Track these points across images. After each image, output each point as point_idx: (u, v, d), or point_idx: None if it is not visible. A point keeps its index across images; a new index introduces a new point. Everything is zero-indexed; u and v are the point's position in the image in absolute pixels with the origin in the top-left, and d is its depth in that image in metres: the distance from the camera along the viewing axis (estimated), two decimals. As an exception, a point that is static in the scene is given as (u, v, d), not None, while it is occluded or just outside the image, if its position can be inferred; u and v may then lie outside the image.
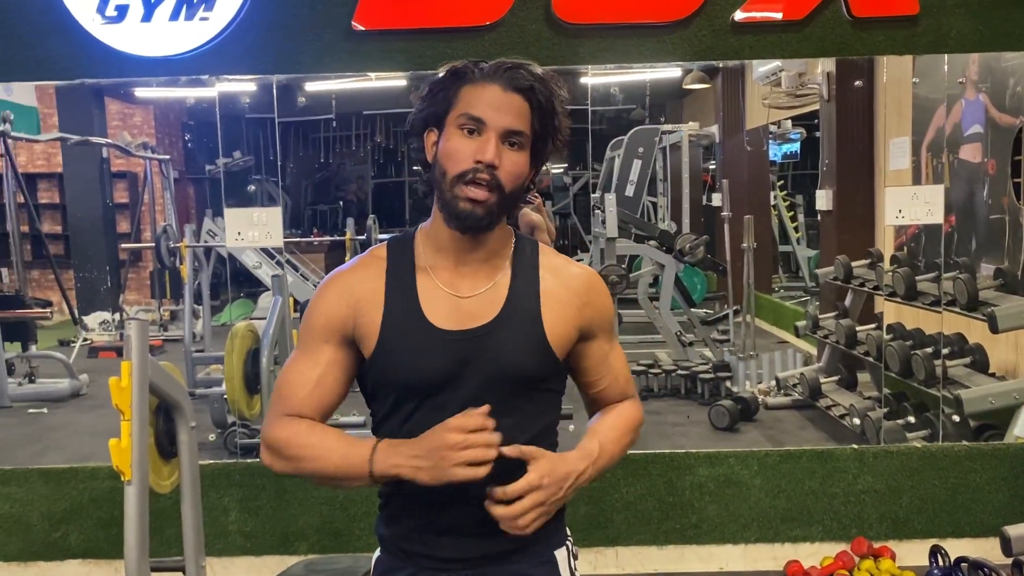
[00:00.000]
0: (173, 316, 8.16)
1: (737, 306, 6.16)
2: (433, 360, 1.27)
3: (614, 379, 1.42)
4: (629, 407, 1.43)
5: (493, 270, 1.32)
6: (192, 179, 10.50)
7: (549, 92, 1.28)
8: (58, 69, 3.18)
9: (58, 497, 3.24)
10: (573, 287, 1.34)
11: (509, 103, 1.25)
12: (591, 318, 1.36)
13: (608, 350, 1.40)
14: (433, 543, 1.30)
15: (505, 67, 1.27)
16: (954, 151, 4.50)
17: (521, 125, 1.26)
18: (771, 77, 6.05)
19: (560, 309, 1.32)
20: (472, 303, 1.29)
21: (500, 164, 1.24)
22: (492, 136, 1.24)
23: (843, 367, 4.79)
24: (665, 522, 3.24)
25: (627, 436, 1.40)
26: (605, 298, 1.39)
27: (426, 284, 1.30)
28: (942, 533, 3.22)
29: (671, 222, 8.31)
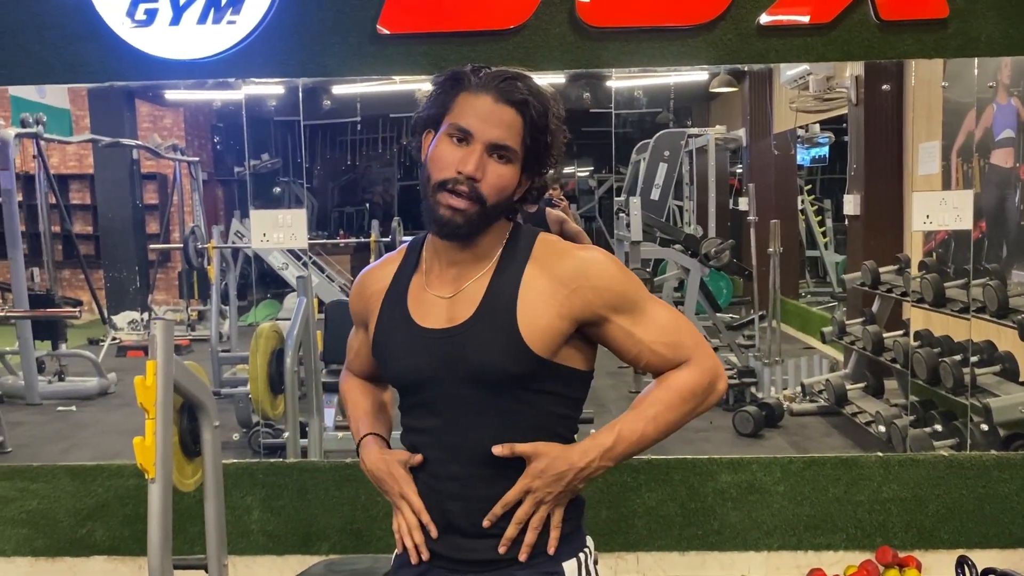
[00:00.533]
0: (200, 316, 8.24)
1: (763, 311, 6.11)
2: (415, 358, 1.30)
3: (650, 351, 1.31)
4: (682, 375, 1.31)
5: (479, 269, 1.31)
6: (221, 181, 10.60)
7: (543, 107, 1.26)
8: (88, 72, 3.23)
9: (84, 494, 3.29)
10: (559, 275, 1.28)
11: (499, 115, 1.24)
12: (588, 302, 1.28)
13: (630, 326, 1.30)
14: (443, 543, 1.31)
15: (502, 78, 1.26)
16: (985, 156, 4.43)
17: (509, 139, 1.25)
18: (799, 81, 6.00)
19: (540, 301, 1.27)
20: (454, 302, 1.30)
21: (483, 176, 1.24)
22: (477, 148, 1.24)
23: (870, 374, 4.74)
24: (687, 528, 3.22)
25: (676, 409, 1.29)
26: (607, 276, 1.29)
27: (418, 284, 1.34)
28: (969, 543, 3.17)
29: (697, 226, 8.27)
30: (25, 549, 3.30)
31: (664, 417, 1.28)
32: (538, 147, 1.28)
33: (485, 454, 1.25)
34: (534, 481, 1.21)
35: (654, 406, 1.29)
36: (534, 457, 1.22)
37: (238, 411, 4.64)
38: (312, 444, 3.90)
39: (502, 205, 1.28)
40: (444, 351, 1.28)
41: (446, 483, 1.22)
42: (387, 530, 3.28)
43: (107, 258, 8.47)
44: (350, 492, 3.25)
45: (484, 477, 1.24)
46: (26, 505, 3.29)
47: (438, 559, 1.32)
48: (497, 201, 1.26)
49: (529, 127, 1.26)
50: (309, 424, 3.94)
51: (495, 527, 1.26)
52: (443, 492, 1.25)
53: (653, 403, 1.30)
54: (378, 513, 3.25)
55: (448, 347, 1.27)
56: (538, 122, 1.26)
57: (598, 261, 1.30)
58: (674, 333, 1.33)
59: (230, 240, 7.21)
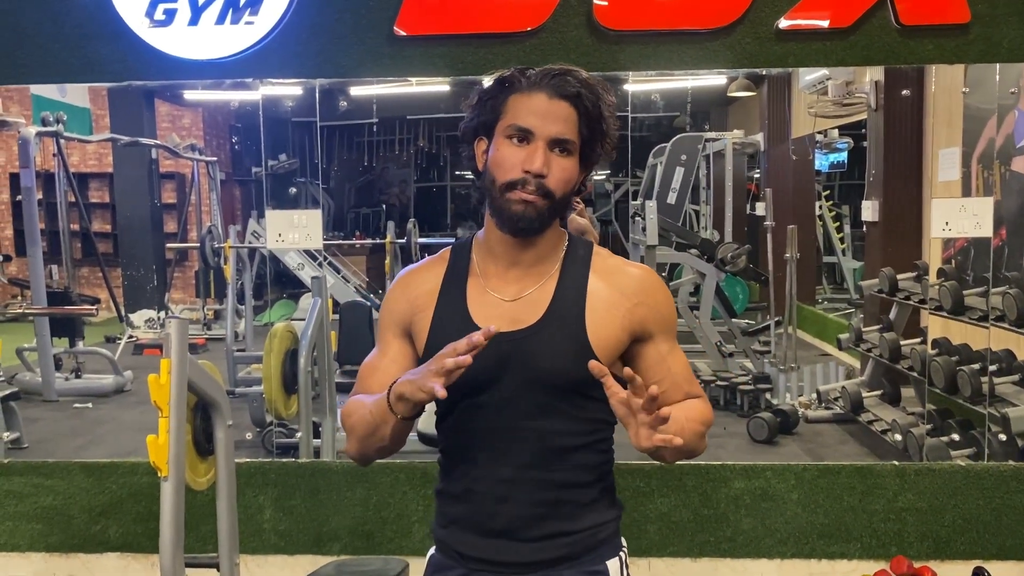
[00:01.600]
0: (217, 315, 8.28)
1: (779, 317, 6.08)
2: (477, 360, 1.27)
3: (673, 382, 1.35)
4: (696, 402, 1.37)
5: (542, 274, 1.33)
6: (238, 181, 10.66)
7: (596, 97, 1.28)
8: (108, 71, 3.25)
9: (98, 491, 3.31)
10: (623, 288, 1.32)
11: (556, 111, 1.26)
12: (644, 318, 1.32)
13: (666, 352, 1.35)
14: (486, 546, 1.31)
15: (552, 74, 1.28)
16: (1006, 163, 4.39)
17: (568, 132, 1.27)
18: (818, 86, 5.97)
19: (606, 311, 1.30)
20: (517, 306, 1.31)
21: (549, 172, 1.26)
22: (540, 145, 1.26)
23: (886, 381, 4.70)
24: (699, 534, 3.20)
25: (699, 426, 1.33)
26: (661, 297, 1.35)
27: (476, 287, 1.34)
28: (985, 555, 3.14)
29: (713, 231, 8.23)
30: (39, 545, 3.32)
31: (696, 430, 1.32)
32: (594, 137, 1.30)
33: (535, 457, 1.28)
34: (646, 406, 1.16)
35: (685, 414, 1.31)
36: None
37: (252, 410, 4.65)
38: (325, 444, 3.91)
39: (567, 198, 1.31)
40: (507, 354, 1.28)
41: (495, 486, 1.24)
42: (398, 532, 3.30)
43: (125, 256, 8.54)
44: (362, 493, 3.25)
45: (533, 480, 1.25)
46: (41, 501, 3.32)
47: (481, 563, 1.32)
48: (564, 194, 1.29)
49: (584, 118, 1.28)
50: (322, 424, 3.95)
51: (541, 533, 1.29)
52: (491, 495, 1.26)
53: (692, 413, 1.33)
54: (389, 515, 3.25)
55: (512, 350, 1.28)
56: (592, 112, 1.28)
57: (655, 282, 1.36)
58: (689, 371, 1.40)
59: (247, 240, 7.25)
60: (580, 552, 1.31)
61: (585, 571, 1.31)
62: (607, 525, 1.34)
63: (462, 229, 12.89)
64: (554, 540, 1.29)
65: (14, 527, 3.32)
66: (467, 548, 1.33)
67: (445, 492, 1.37)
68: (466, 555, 1.33)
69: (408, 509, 3.24)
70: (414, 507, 3.24)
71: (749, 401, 5.24)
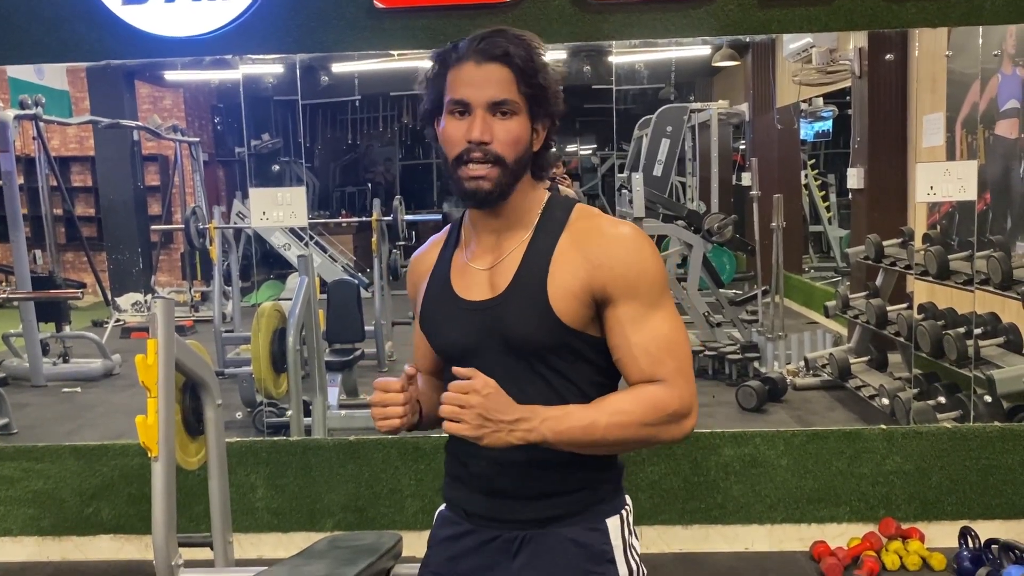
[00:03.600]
0: (204, 297, 8.25)
1: (766, 286, 6.10)
2: (456, 330, 1.35)
3: (629, 355, 1.28)
4: (654, 389, 1.26)
5: (514, 239, 1.33)
6: (222, 162, 10.58)
7: (527, 52, 1.27)
8: (84, 51, 3.21)
9: (89, 474, 3.30)
10: (587, 250, 1.28)
11: (486, 75, 1.26)
12: (605, 281, 1.27)
13: (626, 319, 1.27)
14: (487, 505, 1.36)
15: (478, 39, 1.27)
16: (989, 127, 4.39)
17: (504, 92, 1.26)
18: (802, 54, 5.95)
19: (568, 272, 1.28)
20: (493, 274, 1.33)
21: (493, 137, 1.26)
22: (478, 113, 1.26)
23: (873, 347, 4.73)
24: (690, 501, 3.23)
25: (635, 418, 1.25)
26: (632, 258, 1.27)
27: (460, 258, 1.38)
28: (972, 515, 3.18)
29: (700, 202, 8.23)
30: (32, 528, 3.32)
31: (620, 420, 1.24)
32: (535, 91, 1.28)
33: None
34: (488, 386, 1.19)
35: (614, 405, 1.27)
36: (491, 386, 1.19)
37: (242, 391, 4.64)
38: (316, 423, 3.91)
39: (523, 159, 1.30)
40: (483, 322, 1.32)
41: (488, 450, 1.23)
42: (391, 507, 3.31)
43: (109, 240, 8.47)
44: (354, 470, 3.26)
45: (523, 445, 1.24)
46: (32, 485, 3.31)
47: (483, 520, 1.36)
48: (517, 156, 1.28)
49: (519, 75, 1.26)
50: (313, 403, 3.95)
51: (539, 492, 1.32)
52: (487, 456, 1.28)
53: (614, 402, 1.27)
54: (382, 490, 3.26)
55: (487, 319, 1.31)
56: (526, 68, 1.26)
57: (626, 242, 1.29)
58: (662, 349, 1.27)
59: (232, 221, 7.20)
60: (578, 510, 1.33)
61: (584, 528, 1.33)
62: (604, 484, 1.36)
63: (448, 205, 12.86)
64: (550, 499, 1.33)
65: (6, 511, 3.32)
66: (471, 506, 1.38)
67: (450, 452, 1.42)
68: (470, 512, 1.38)
69: (400, 484, 3.25)
70: (406, 482, 3.25)
71: (737, 370, 5.27)
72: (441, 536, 1.43)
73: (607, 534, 1.35)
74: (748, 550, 3.24)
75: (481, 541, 1.36)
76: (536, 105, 1.29)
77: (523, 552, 1.33)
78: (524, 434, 1.20)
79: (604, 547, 1.33)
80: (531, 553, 1.33)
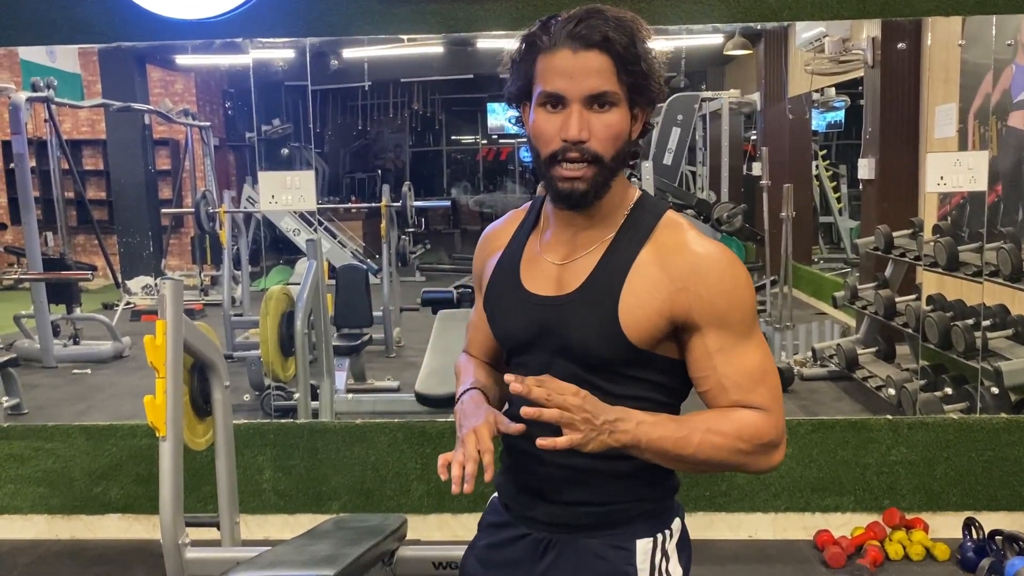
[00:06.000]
0: (214, 281, 8.28)
1: (775, 276, 6.08)
2: (516, 321, 1.28)
3: (718, 383, 1.19)
4: (750, 415, 1.18)
5: (594, 239, 1.24)
6: (232, 146, 10.60)
7: (629, 36, 1.15)
8: (95, 32, 3.22)
9: (98, 453, 3.33)
10: (672, 268, 1.18)
11: (585, 64, 1.14)
12: (688, 306, 1.17)
13: (715, 349, 1.18)
14: (525, 502, 1.32)
15: (573, 23, 1.15)
16: (1002, 118, 4.36)
17: (604, 84, 1.15)
18: (814, 43, 5.91)
19: (645, 292, 1.18)
20: (564, 270, 1.25)
21: (591, 134, 1.16)
22: (575, 108, 1.15)
23: (881, 338, 4.72)
24: (694, 489, 3.23)
25: (727, 440, 1.17)
26: (720, 286, 1.18)
27: (533, 245, 1.30)
28: (977, 506, 3.18)
29: (710, 191, 8.20)
30: (41, 507, 3.36)
31: (714, 440, 1.17)
32: (636, 79, 1.16)
33: None
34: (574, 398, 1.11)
35: (709, 423, 1.18)
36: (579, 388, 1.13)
37: (250, 374, 4.67)
38: (323, 406, 3.93)
39: (622, 154, 1.20)
40: (544, 319, 1.24)
41: (533, 446, 1.16)
42: (396, 490, 3.32)
43: (120, 223, 8.51)
44: (360, 452, 3.28)
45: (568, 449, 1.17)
46: (42, 464, 3.34)
47: (520, 517, 1.34)
48: (616, 152, 1.18)
49: (619, 63, 1.14)
50: (320, 386, 3.97)
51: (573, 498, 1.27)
52: (530, 453, 1.22)
53: (710, 421, 1.19)
54: (388, 473, 3.28)
55: (548, 316, 1.24)
56: (627, 55, 1.14)
57: (717, 265, 1.19)
58: (754, 380, 1.20)
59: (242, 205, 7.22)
60: (608, 524, 1.26)
61: (609, 544, 1.26)
62: (644, 503, 1.27)
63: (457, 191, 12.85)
64: (579, 508, 1.27)
65: (16, 490, 3.35)
66: (511, 501, 1.35)
67: (504, 443, 1.34)
68: (510, 507, 1.36)
69: (406, 468, 3.27)
70: (412, 465, 3.27)
71: (745, 360, 5.26)
72: (488, 522, 1.41)
73: (633, 555, 1.26)
74: (752, 538, 3.25)
75: (515, 536, 1.33)
76: (637, 95, 1.18)
77: (548, 555, 1.29)
78: (621, 435, 1.13)
79: (627, 568, 1.25)
80: (555, 558, 1.28)
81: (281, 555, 1.95)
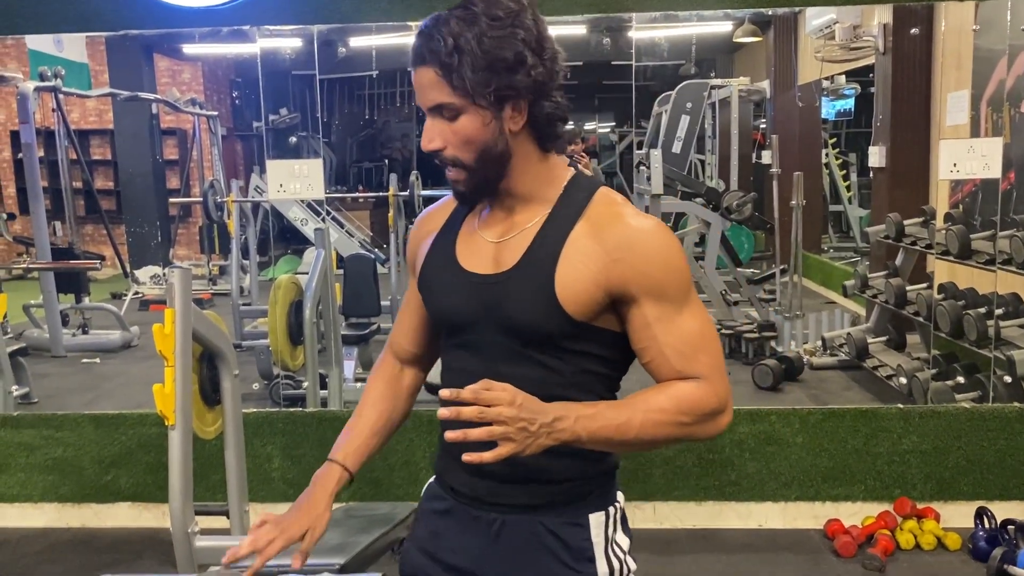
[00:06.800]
0: (222, 271, 8.29)
1: (784, 265, 6.06)
2: (455, 300, 1.29)
3: (659, 353, 1.21)
4: (689, 387, 1.21)
5: (529, 216, 1.26)
6: (240, 136, 10.60)
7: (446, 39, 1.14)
8: (102, 21, 3.21)
9: (108, 442, 3.34)
10: (605, 240, 1.20)
11: (422, 80, 1.18)
12: (625, 278, 1.19)
13: (653, 318, 1.20)
14: (472, 484, 1.31)
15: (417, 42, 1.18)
16: (1016, 105, 4.32)
17: (439, 97, 1.17)
18: (824, 30, 5.86)
19: (581, 263, 1.20)
20: (501, 248, 1.27)
21: (445, 141, 1.20)
22: (428, 122, 1.21)
23: (892, 327, 4.69)
24: (704, 478, 3.22)
25: (669, 416, 1.19)
26: (654, 255, 1.20)
27: (469, 225, 1.32)
28: (989, 495, 3.16)
29: (719, 180, 8.17)
30: (51, 495, 3.37)
31: (655, 418, 1.19)
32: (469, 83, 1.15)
33: None
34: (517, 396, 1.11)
35: (648, 403, 1.20)
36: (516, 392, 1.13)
37: (259, 363, 4.67)
38: (332, 395, 3.93)
39: (490, 153, 1.20)
40: (483, 298, 1.25)
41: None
42: (405, 479, 3.32)
43: (128, 213, 8.52)
44: (369, 441, 3.27)
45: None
46: (52, 453, 3.35)
47: (468, 499, 1.33)
48: (476, 155, 1.20)
49: (445, 73, 1.15)
50: (329, 375, 3.96)
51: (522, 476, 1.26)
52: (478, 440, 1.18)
53: (649, 400, 1.20)
54: (396, 462, 3.28)
55: (488, 294, 1.25)
56: (450, 62, 1.14)
57: (650, 237, 1.21)
58: (695, 347, 1.22)
59: (250, 195, 7.22)
60: (562, 501, 1.28)
61: (565, 521, 1.28)
62: (595, 478, 1.30)
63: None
64: (536, 486, 1.27)
65: (26, 478, 3.36)
66: (457, 483, 1.34)
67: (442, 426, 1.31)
68: (456, 490, 1.34)
69: (415, 456, 3.27)
70: (420, 454, 3.27)
71: (754, 349, 5.25)
72: (428, 509, 1.40)
73: (588, 530, 1.28)
74: (762, 527, 3.24)
75: (463, 520, 1.32)
76: (479, 90, 1.16)
77: (502, 536, 1.29)
78: (559, 435, 1.14)
79: (584, 543, 1.28)
80: (510, 538, 1.29)
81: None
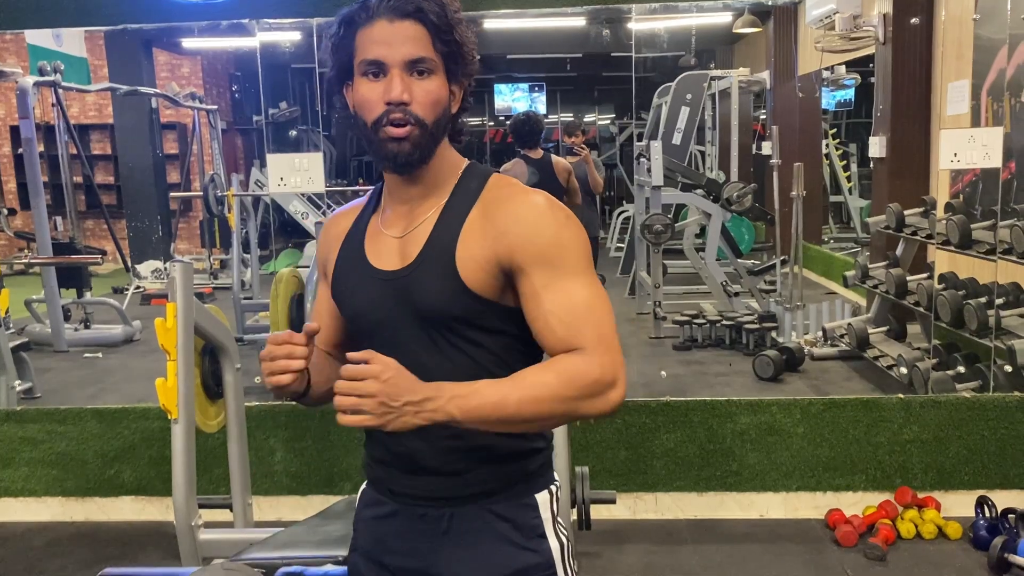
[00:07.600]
0: (223, 265, 8.30)
1: (784, 256, 6.06)
2: (367, 298, 1.29)
3: (545, 324, 1.21)
4: (572, 359, 1.18)
5: (429, 208, 1.28)
6: (240, 130, 10.59)
7: (440, 8, 1.21)
8: (102, 15, 3.21)
9: (111, 436, 3.35)
10: (496, 218, 1.23)
11: (401, 33, 1.20)
12: (512, 249, 1.21)
13: (541, 287, 1.21)
14: (414, 483, 1.30)
15: None
16: (1017, 94, 4.32)
17: (420, 51, 1.20)
18: (824, 20, 5.84)
19: (476, 242, 1.23)
20: (405, 242, 1.28)
21: (412, 98, 1.21)
22: (395, 73, 1.20)
23: (892, 318, 4.70)
24: (705, 469, 3.23)
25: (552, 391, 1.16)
26: (537, 227, 1.21)
27: (375, 225, 1.33)
28: (989, 484, 3.17)
29: (719, 171, 8.18)
30: (55, 489, 3.38)
31: (534, 393, 1.16)
32: (451, 49, 1.22)
33: None
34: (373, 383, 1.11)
35: (528, 379, 1.18)
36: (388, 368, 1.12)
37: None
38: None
39: (443, 121, 1.25)
40: (393, 293, 1.27)
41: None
42: (408, 471, 3.31)
43: (129, 208, 8.53)
44: (371, 434, 3.28)
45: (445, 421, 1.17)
46: (55, 447, 3.36)
47: (411, 499, 1.31)
48: (436, 118, 1.23)
49: (434, 32, 1.20)
50: (330, 368, 3.97)
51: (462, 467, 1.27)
52: (406, 433, 1.18)
53: (528, 376, 1.19)
54: (399, 455, 3.29)
55: (397, 289, 1.26)
56: (440, 24, 1.20)
57: (534, 208, 1.23)
58: (580, 316, 1.20)
59: (250, 189, 7.22)
60: (506, 485, 1.29)
61: (513, 503, 1.29)
62: (533, 458, 1.31)
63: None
64: (476, 474, 1.28)
65: (30, 472, 3.37)
66: (397, 485, 1.32)
67: (368, 432, 1.33)
68: (397, 492, 1.33)
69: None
70: (423, 447, 3.27)
71: (755, 340, 5.25)
72: (368, 516, 1.37)
73: (536, 508, 1.30)
74: (763, 517, 3.25)
75: (408, 520, 1.31)
76: (452, 63, 1.23)
77: (452, 529, 1.29)
78: (430, 414, 1.12)
79: (535, 522, 1.29)
80: (460, 529, 1.29)
81: (294, 536, 1.96)
